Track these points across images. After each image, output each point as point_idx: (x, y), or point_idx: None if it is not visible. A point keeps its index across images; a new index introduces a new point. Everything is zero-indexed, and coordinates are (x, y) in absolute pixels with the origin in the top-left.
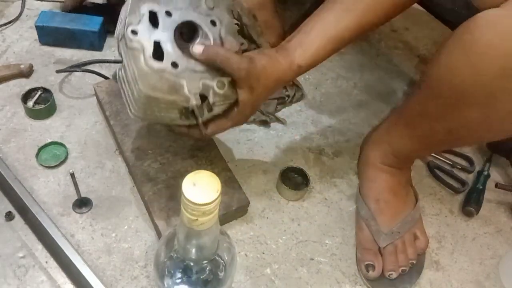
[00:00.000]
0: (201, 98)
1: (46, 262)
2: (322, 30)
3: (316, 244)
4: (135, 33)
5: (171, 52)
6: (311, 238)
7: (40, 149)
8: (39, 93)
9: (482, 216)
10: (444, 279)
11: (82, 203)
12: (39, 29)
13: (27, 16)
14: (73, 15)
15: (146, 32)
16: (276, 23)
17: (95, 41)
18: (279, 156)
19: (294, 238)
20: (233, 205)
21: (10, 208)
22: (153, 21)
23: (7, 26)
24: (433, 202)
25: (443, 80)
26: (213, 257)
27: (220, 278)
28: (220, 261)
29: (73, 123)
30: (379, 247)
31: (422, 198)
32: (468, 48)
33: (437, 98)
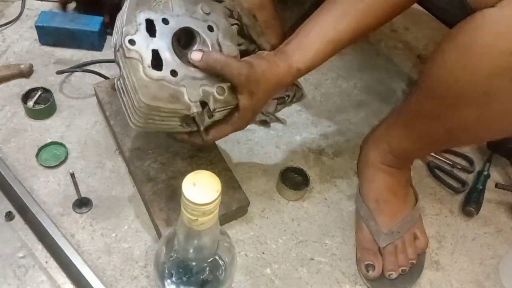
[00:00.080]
0: (202, 105)
1: (46, 262)
2: (321, 33)
3: (316, 244)
4: (133, 43)
5: (170, 60)
6: (311, 238)
7: (40, 149)
8: (39, 93)
9: (482, 216)
10: (444, 279)
11: (82, 203)
12: (39, 29)
13: (27, 16)
14: (73, 15)
15: (144, 41)
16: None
17: (95, 41)
18: (279, 156)
19: (294, 238)
20: (233, 205)
21: (10, 208)
22: (150, 30)
23: (7, 26)
24: (433, 202)
25: (440, 80)
26: (213, 257)
27: (220, 278)
28: (220, 261)
29: (73, 123)
30: (379, 247)
31: (422, 198)
32: (463, 48)
33: (434, 98)
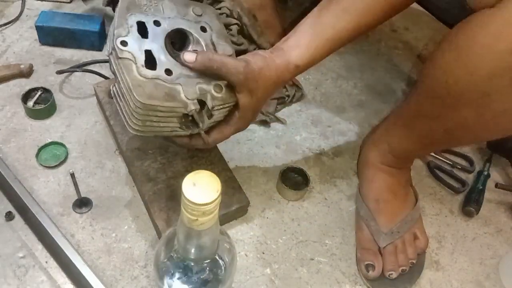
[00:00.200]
0: (200, 104)
1: (46, 262)
2: (320, 31)
3: (316, 244)
4: (125, 44)
5: (164, 60)
6: (311, 238)
7: (40, 149)
8: (39, 93)
9: (482, 216)
10: (444, 279)
11: (82, 203)
12: (39, 29)
13: (27, 16)
14: (73, 15)
15: (136, 42)
16: (276, 23)
17: (95, 41)
18: (279, 156)
19: (294, 238)
20: (233, 205)
21: (10, 208)
22: (142, 32)
23: (7, 26)
24: (433, 202)
25: (438, 80)
26: (213, 257)
27: (220, 278)
28: (220, 261)
29: (73, 123)
30: (379, 247)
31: (422, 198)
32: (462, 49)
33: (433, 98)
